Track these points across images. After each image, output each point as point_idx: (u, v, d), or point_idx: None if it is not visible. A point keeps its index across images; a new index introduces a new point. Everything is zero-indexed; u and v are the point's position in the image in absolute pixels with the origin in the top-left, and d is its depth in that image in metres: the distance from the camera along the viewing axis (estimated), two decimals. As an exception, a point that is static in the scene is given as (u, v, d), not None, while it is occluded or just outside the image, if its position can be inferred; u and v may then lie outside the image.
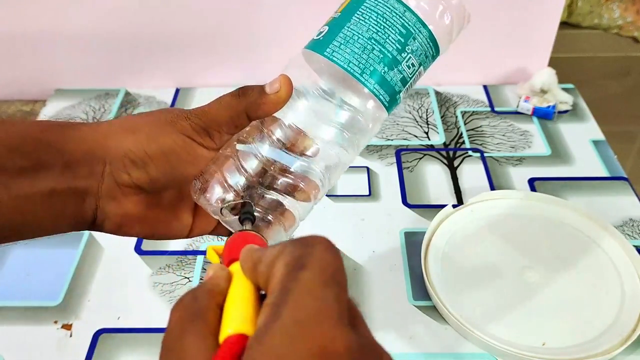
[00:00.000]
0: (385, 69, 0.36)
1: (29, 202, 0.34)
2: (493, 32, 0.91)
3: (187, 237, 0.40)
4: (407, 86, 0.38)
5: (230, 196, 0.37)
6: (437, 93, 0.94)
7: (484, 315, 0.59)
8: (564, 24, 0.97)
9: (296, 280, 0.23)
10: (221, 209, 0.37)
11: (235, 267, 0.29)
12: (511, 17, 0.89)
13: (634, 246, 0.65)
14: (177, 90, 0.96)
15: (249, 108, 0.36)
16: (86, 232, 0.70)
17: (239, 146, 0.37)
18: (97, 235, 0.70)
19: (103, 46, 0.92)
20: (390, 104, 0.37)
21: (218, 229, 0.41)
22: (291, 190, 0.37)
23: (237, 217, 0.38)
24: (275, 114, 0.36)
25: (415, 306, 0.61)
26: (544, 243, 0.67)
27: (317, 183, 0.38)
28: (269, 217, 0.37)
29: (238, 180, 0.37)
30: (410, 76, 0.37)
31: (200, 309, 0.25)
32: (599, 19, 1.00)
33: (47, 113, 0.92)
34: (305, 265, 0.23)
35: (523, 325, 0.58)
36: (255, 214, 0.37)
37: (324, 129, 0.37)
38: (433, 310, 0.61)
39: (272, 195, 0.37)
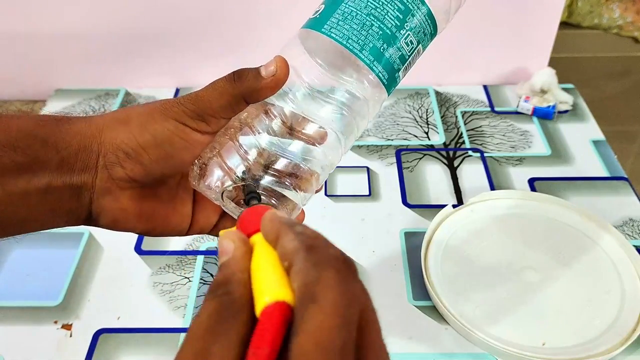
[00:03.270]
0: (385, 45, 0.36)
1: (25, 198, 0.33)
2: (493, 32, 0.91)
3: (187, 234, 0.40)
4: (405, 64, 0.37)
5: (230, 180, 0.36)
6: (437, 93, 0.94)
7: (484, 315, 0.59)
8: (564, 24, 0.97)
9: (305, 320, 0.22)
10: (222, 193, 0.36)
11: (256, 239, 0.28)
12: (511, 17, 0.89)
13: (634, 246, 0.65)
14: (177, 90, 0.96)
15: (246, 93, 0.35)
16: (86, 232, 0.70)
17: (238, 133, 0.36)
18: (97, 235, 0.70)
19: (103, 46, 0.92)
20: (389, 82, 0.37)
21: (219, 227, 0.40)
22: (290, 176, 0.37)
23: (238, 204, 0.36)
24: (275, 97, 0.36)
25: (415, 306, 0.61)
26: (544, 243, 0.67)
27: (317, 170, 0.37)
28: (272, 202, 0.37)
29: (238, 164, 0.36)
30: (409, 54, 0.37)
31: (235, 309, 0.24)
32: (599, 19, 1.00)
33: (47, 113, 0.92)
34: (314, 299, 0.23)
35: (523, 325, 0.58)
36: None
37: (323, 110, 0.36)
38: (433, 310, 0.61)
39: (273, 179, 0.36)
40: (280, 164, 0.36)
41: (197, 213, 0.39)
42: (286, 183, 0.37)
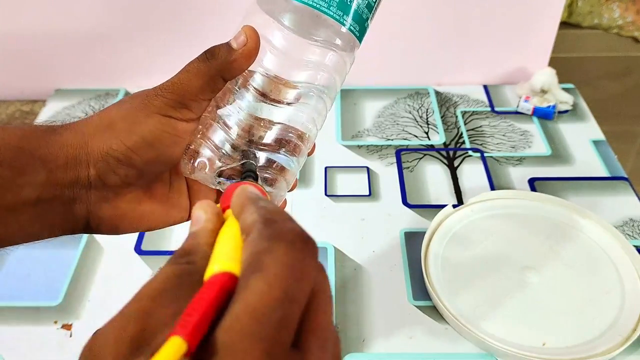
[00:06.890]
0: None
1: (14, 213, 0.32)
2: (493, 32, 0.91)
3: (188, 219, 0.39)
4: (373, 11, 0.36)
5: (222, 162, 0.36)
6: (437, 93, 0.94)
7: (484, 315, 0.59)
8: (564, 24, 0.97)
9: (246, 287, 0.21)
10: (218, 175, 0.36)
11: (229, 213, 0.28)
12: (511, 17, 0.89)
13: (634, 246, 0.65)
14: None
15: (222, 69, 0.34)
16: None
17: (219, 111, 0.36)
18: (97, 235, 0.70)
19: (103, 46, 0.92)
20: (361, 33, 0.36)
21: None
22: (281, 144, 0.36)
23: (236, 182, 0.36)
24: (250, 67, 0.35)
25: (415, 306, 0.61)
26: (544, 243, 0.67)
27: (303, 131, 0.37)
28: (266, 175, 0.36)
29: (227, 144, 0.35)
30: (374, 0, 0.36)
31: (194, 279, 0.24)
32: (599, 19, 1.00)
33: (47, 113, 0.92)
34: (261, 268, 0.22)
35: (523, 325, 0.58)
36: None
37: (299, 71, 0.35)
38: (433, 310, 0.61)
39: (264, 152, 0.36)
40: (266, 133, 0.36)
41: (194, 198, 0.39)
42: (277, 151, 0.36)
